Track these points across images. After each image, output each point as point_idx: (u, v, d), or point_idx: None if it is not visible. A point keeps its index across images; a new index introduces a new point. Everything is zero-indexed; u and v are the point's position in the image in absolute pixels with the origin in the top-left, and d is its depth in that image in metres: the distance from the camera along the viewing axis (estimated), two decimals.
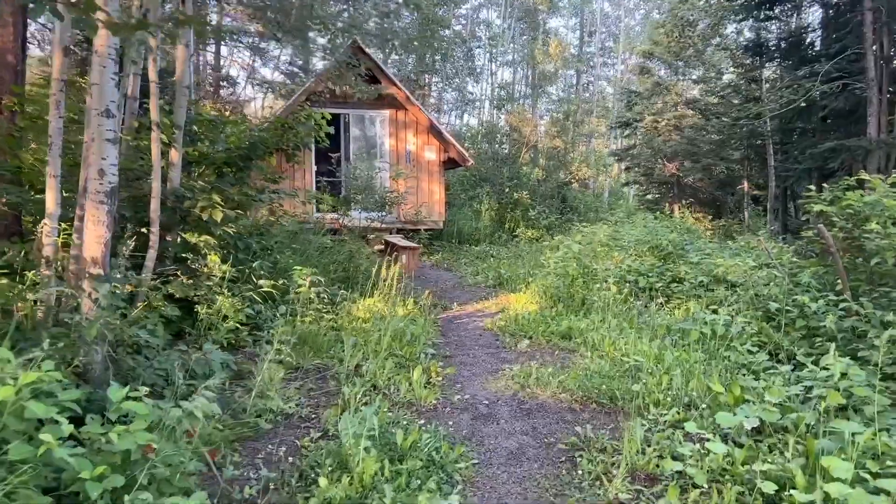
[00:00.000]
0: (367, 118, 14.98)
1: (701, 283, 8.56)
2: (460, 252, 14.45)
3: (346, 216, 9.48)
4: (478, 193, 18.56)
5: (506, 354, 6.13)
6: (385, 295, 7.44)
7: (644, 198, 25.53)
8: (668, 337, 6.36)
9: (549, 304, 8.17)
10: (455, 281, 10.93)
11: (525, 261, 12.88)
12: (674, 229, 12.57)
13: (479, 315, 8.13)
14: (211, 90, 17.41)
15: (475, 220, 16.18)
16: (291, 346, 5.46)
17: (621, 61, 37.31)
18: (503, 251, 14.51)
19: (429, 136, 14.99)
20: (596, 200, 26.75)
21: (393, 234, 14.22)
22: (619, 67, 39.04)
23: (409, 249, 11.14)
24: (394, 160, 14.85)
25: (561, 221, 17.87)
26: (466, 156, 14.92)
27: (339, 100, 14.41)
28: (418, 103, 14.67)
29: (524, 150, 18.89)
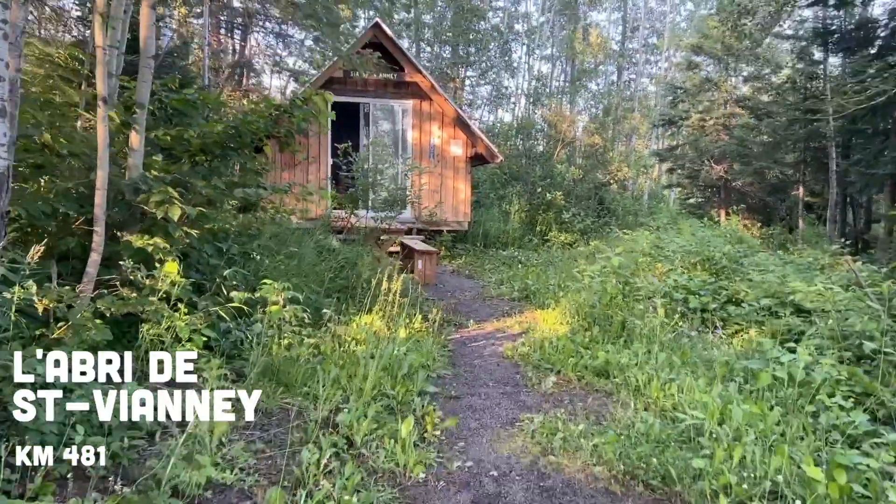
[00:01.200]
0: (389, 108, 13.84)
1: (766, 307, 7.23)
2: (485, 257, 13.23)
3: (354, 215, 8.34)
4: (507, 193, 17.29)
5: (526, 396, 4.90)
6: (388, 310, 6.27)
7: (686, 202, 23.96)
8: (730, 379, 5.07)
9: (582, 325, 6.91)
10: (476, 291, 9.72)
11: (557, 270, 11.62)
12: (726, 239, 11.15)
13: (498, 337, 6.91)
14: (228, 76, 16.51)
15: (503, 221, 14.93)
16: (253, 381, 4.33)
17: (665, 58, 35.54)
18: (533, 257, 13.25)
19: (455, 130, 13.79)
20: (635, 203, 25.22)
21: (413, 234, 13.08)
22: (663, 65, 37.28)
23: (425, 254, 9.97)
24: (416, 154, 13.69)
25: (597, 225, 16.51)
26: (495, 151, 13.68)
27: (360, 88, 13.31)
28: (444, 93, 13.47)
29: (559, 148, 17.54)
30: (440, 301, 8.68)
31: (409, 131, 13.70)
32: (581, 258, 13.47)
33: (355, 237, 8.60)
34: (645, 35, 37.74)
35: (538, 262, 12.72)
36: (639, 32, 34.92)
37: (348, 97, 13.25)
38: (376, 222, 8.82)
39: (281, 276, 6.20)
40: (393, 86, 13.43)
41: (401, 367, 4.88)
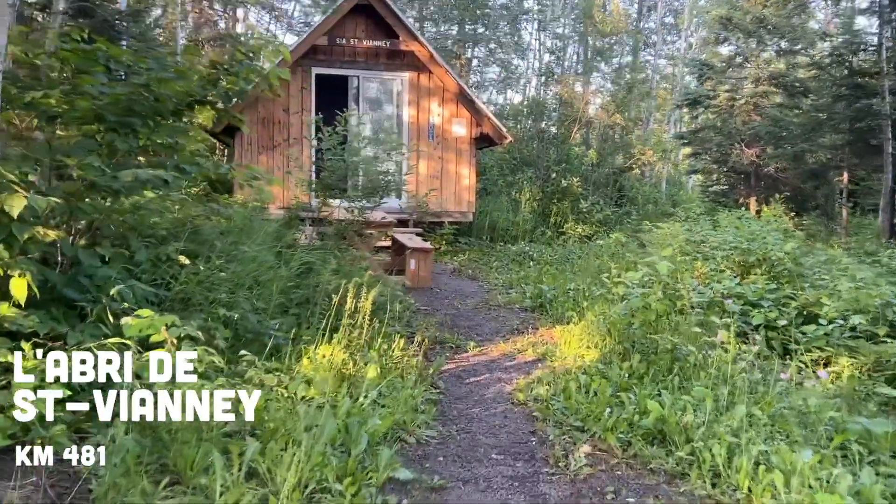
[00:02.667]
0: (382, 82, 12.13)
1: (855, 326, 5.57)
2: (492, 253, 11.54)
3: (327, 205, 6.67)
4: (518, 179, 15.56)
5: (548, 485, 3.22)
6: (355, 336, 4.62)
7: (709, 189, 22.15)
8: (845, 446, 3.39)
9: (617, 350, 5.25)
10: (479, 297, 8.04)
11: (576, 268, 9.95)
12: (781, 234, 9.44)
13: (506, 367, 5.25)
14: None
15: (513, 211, 13.22)
16: (107, 480, 2.69)
17: (684, 38, 33.50)
18: (546, 253, 11.57)
19: (458, 107, 12.07)
20: (654, 191, 23.47)
21: (409, 227, 11.43)
22: (681, 45, 35.22)
23: (418, 252, 8.30)
24: (414, 135, 11.99)
25: (617, 215, 14.77)
26: (504, 131, 11.96)
27: (347, 58, 11.60)
28: (445, 64, 11.74)
29: (576, 129, 15.75)
30: (434, 312, 7.02)
31: (405, 108, 11.99)
32: (604, 254, 11.81)
33: (329, 231, 6.94)
34: (661, 16, 35.70)
35: (553, 259, 11.05)
36: (658, 10, 32.84)
37: (335, 69, 11.55)
38: (359, 213, 7.17)
39: (218, 287, 4.57)
40: (386, 55, 11.72)
41: (358, 438, 3.23)
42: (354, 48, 11.47)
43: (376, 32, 11.47)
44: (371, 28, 11.51)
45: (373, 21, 11.44)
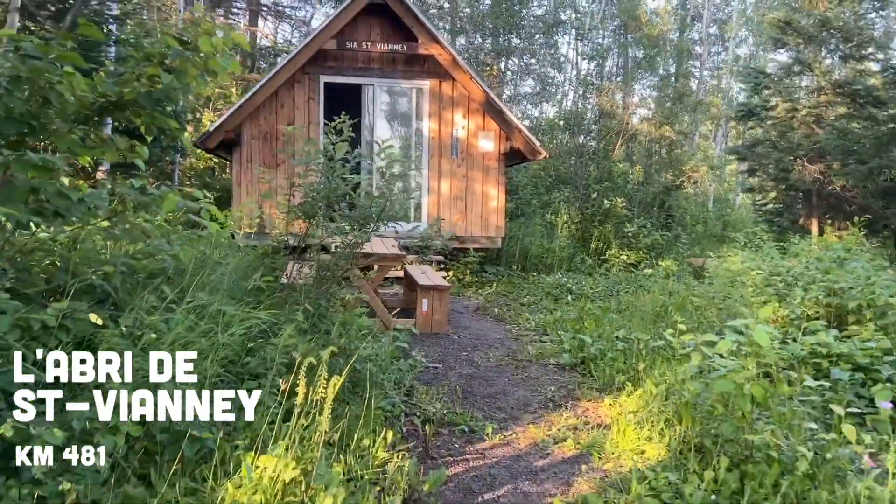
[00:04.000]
0: (398, 91, 10.80)
1: None
2: (523, 285, 10.03)
3: (310, 236, 5.27)
4: (553, 199, 14.04)
5: None
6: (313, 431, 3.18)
7: (763, 208, 20.26)
8: None
9: (691, 441, 3.74)
10: (506, 348, 6.54)
11: (623, 306, 8.42)
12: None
13: (537, 470, 3.75)
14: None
15: (548, 236, 11.69)
16: None
17: (731, 48, 31.66)
18: (588, 284, 10.03)
19: (485, 118, 10.66)
20: (702, 210, 21.67)
21: (429, 255, 10.03)
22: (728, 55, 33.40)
23: (433, 291, 6.86)
24: (434, 150, 10.60)
25: (666, 240, 13.11)
26: (537, 146, 10.48)
27: (360, 64, 10.31)
28: (470, 69, 10.35)
29: (619, 142, 14.14)
30: (447, 371, 5.56)
31: (424, 121, 10.62)
32: (654, 287, 10.22)
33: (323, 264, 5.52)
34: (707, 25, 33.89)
35: (596, 294, 9.51)
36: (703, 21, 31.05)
37: (345, 77, 10.27)
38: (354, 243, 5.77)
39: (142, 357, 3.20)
40: (403, 61, 10.39)
41: None
42: (368, 53, 10.17)
43: (392, 35, 10.17)
44: (386, 30, 10.21)
45: (388, 22, 10.15)
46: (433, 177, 10.58)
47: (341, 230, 4.74)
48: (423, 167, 10.65)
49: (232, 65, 3.87)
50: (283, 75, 9.63)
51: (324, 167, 4.98)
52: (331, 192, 4.71)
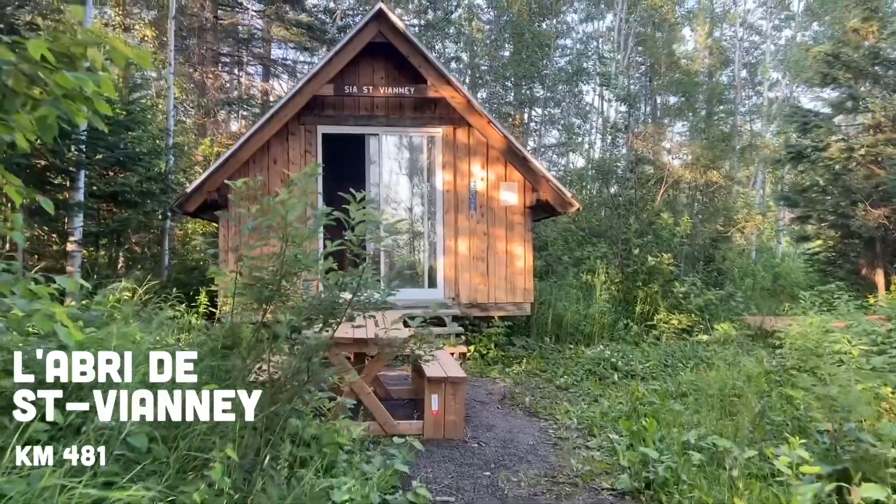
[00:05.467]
0: (406, 141, 9.55)
1: None
2: (559, 361, 8.43)
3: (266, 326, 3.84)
4: (587, 256, 12.51)
5: None
6: None
7: (814, 257, 18.41)
8: None
9: None
10: (541, 463, 4.94)
11: (685, 387, 6.84)
12: None
13: None
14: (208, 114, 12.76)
15: (585, 299, 10.12)
16: None
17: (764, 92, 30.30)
18: (636, 357, 8.42)
19: (506, 168, 9.31)
20: (747, 262, 19.89)
21: (448, 323, 8.56)
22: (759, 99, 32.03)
23: (445, 384, 5.36)
24: (450, 205, 9.24)
25: (720, 298, 11.43)
26: (568, 196, 9.04)
27: (363, 112, 9.10)
28: (487, 114, 9.06)
29: (663, 190, 12.61)
30: None
31: (437, 172, 9.31)
32: (714, 358, 8.60)
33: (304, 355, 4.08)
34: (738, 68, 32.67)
35: (648, 370, 7.90)
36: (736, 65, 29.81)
37: (346, 126, 9.05)
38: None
39: None
40: (412, 107, 9.17)
41: None
42: (371, 98, 8.97)
43: (398, 78, 8.98)
44: (391, 72, 9.03)
45: (393, 64, 8.98)
46: (449, 235, 9.19)
47: (291, 324, 3.31)
48: (436, 224, 9.28)
49: (103, 85, 2.52)
50: (274, 126, 8.44)
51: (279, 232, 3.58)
52: (284, 268, 3.30)
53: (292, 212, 3.24)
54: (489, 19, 26.66)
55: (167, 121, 11.33)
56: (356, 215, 3.37)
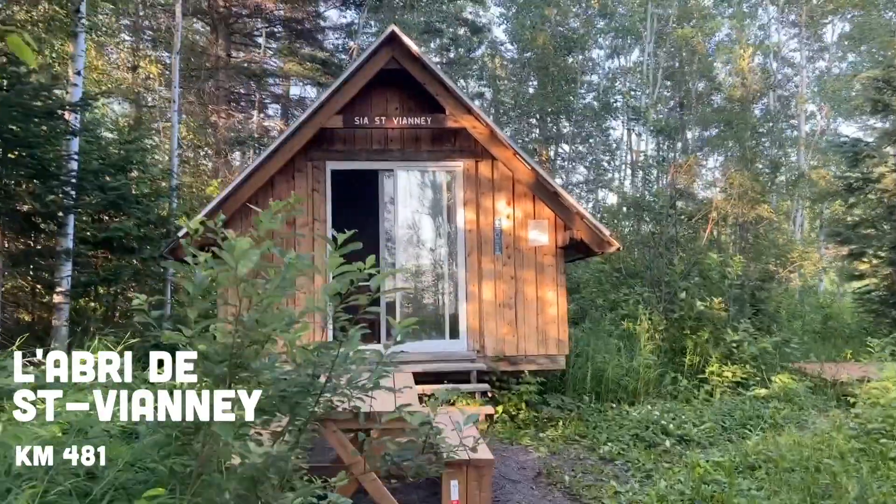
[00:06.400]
0: (423, 177, 8.71)
1: None
2: (600, 423, 7.32)
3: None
4: (624, 299, 11.43)
5: None
6: None
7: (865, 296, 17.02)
8: None
9: None
10: None
11: (753, 459, 5.76)
12: None
13: None
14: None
15: (627, 350, 9.02)
16: None
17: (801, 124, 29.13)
18: (689, 417, 7.32)
19: (534, 204, 8.39)
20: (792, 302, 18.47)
21: (471, 381, 7.61)
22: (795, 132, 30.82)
23: (465, 469, 4.35)
24: (472, 246, 8.32)
25: (774, 345, 10.21)
26: (606, 235, 8.06)
27: (376, 146, 8.30)
28: (513, 145, 8.20)
29: (710, 226, 11.50)
30: None
31: (458, 211, 8.42)
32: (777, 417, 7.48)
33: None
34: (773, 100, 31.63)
35: (703, 434, 6.81)
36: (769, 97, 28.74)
37: (357, 162, 8.25)
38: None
39: None
40: (429, 139, 8.35)
41: None
42: (385, 131, 8.17)
43: (413, 108, 8.19)
44: (406, 102, 8.25)
45: (407, 93, 8.20)
46: (472, 279, 8.24)
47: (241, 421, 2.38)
48: (458, 267, 8.36)
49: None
50: (278, 161, 7.66)
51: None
52: (241, 336, 2.40)
53: (245, 262, 2.35)
54: (512, 57, 26.20)
55: (171, 160, 10.69)
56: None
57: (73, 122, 7.89)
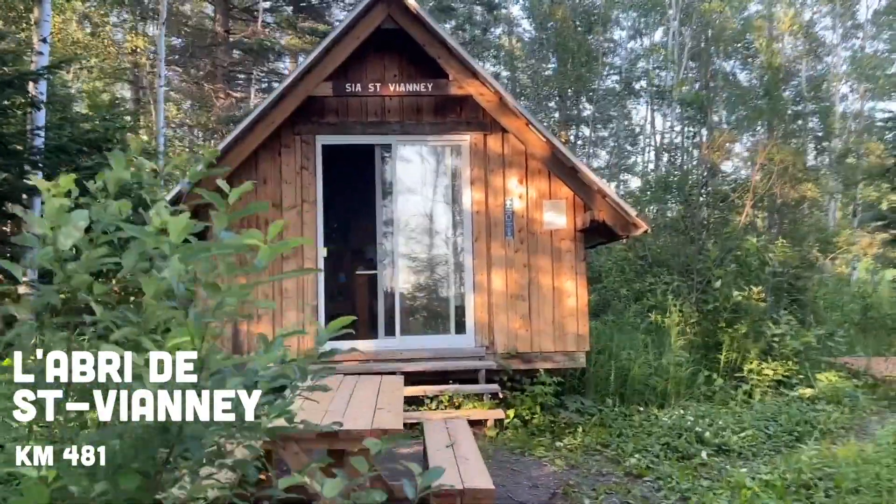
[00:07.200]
0: (425, 150, 7.83)
1: None
2: (626, 430, 6.41)
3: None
4: (649, 288, 10.47)
5: None
6: None
7: None
8: None
9: None
10: None
11: (805, 474, 4.85)
12: None
13: None
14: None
15: (655, 346, 8.08)
16: None
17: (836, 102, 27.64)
18: (727, 422, 6.42)
19: (550, 182, 7.47)
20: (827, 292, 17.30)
21: (480, 381, 6.76)
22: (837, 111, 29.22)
23: (459, 501, 3.46)
24: (480, 229, 7.42)
25: (818, 338, 9.19)
26: (632, 215, 7.11)
27: (371, 117, 7.43)
28: (525, 113, 7.27)
29: (748, 205, 10.40)
30: None
31: (464, 190, 7.53)
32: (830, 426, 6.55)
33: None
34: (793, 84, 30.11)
35: (744, 443, 5.90)
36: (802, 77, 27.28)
37: (351, 136, 7.40)
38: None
39: None
40: (432, 109, 7.46)
41: None
42: (382, 101, 7.30)
43: (413, 74, 7.30)
44: (405, 68, 7.36)
45: (406, 57, 7.31)
46: (480, 267, 7.36)
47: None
48: (465, 254, 7.48)
49: None
50: (260, 134, 6.82)
51: None
52: None
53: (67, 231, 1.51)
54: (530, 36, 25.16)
55: (156, 140, 9.93)
56: None
57: (38, 94, 7.12)
